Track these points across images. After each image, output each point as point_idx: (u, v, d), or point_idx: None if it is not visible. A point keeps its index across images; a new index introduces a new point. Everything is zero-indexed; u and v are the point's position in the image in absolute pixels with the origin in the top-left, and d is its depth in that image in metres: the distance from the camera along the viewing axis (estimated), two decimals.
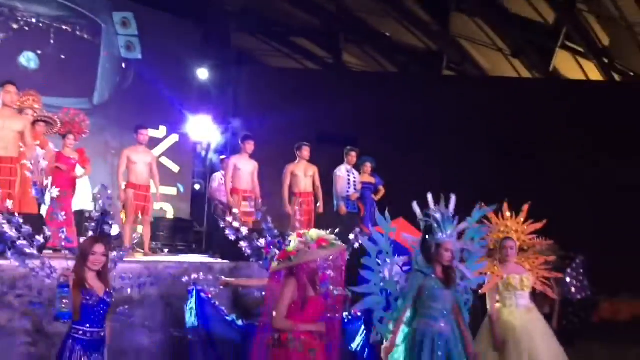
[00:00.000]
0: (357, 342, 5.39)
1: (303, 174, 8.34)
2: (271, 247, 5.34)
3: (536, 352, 4.87)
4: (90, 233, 4.40)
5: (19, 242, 4.38)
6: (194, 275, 5.25)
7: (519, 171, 11.09)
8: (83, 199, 8.83)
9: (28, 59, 10.13)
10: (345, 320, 5.21)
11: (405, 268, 4.77)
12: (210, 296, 5.12)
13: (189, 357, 5.08)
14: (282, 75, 13.21)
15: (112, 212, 4.52)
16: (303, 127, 10.74)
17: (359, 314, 5.33)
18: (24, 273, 4.66)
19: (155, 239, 8.88)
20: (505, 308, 5.11)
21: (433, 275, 4.34)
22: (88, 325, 3.88)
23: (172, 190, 11.40)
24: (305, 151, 8.40)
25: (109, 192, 4.66)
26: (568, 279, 7.68)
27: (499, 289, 5.13)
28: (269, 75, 12.98)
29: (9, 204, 4.88)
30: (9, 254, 4.39)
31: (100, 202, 4.48)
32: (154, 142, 8.62)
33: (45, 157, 6.95)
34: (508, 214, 5.42)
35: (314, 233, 3.89)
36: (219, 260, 6.99)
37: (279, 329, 3.80)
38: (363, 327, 5.40)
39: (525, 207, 5.45)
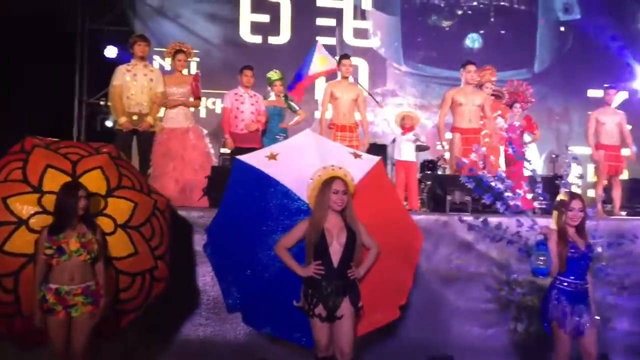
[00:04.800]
0: None
1: None
2: None
3: None
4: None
5: (505, 194, 4.94)
6: None
7: None
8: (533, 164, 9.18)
9: (472, 40, 11.07)
10: None
11: None
12: None
13: None
14: None
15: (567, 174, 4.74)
16: None
17: None
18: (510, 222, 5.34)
19: (608, 201, 8.55)
20: None
21: None
22: (572, 277, 4.07)
23: (624, 151, 10.77)
24: None
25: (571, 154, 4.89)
26: None
27: None
28: None
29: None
30: (498, 204, 4.98)
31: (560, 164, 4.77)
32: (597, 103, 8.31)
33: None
34: None
35: None
36: None
37: None
38: None
39: None
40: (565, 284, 4.09)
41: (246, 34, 10.62)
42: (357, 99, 7.03)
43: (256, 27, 10.62)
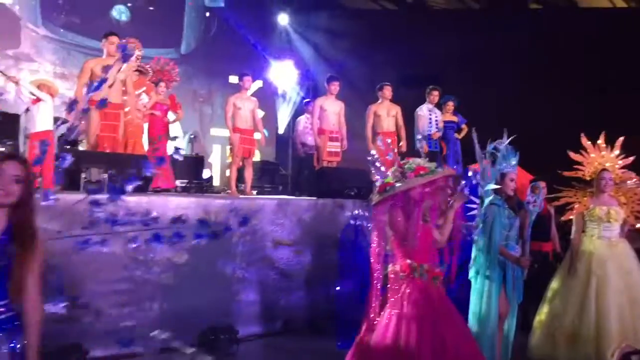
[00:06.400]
0: None
1: (386, 113, 8.41)
2: None
3: (606, 279, 4.98)
4: None
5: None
6: (355, 211, 5.87)
7: (611, 107, 10.55)
8: (177, 143, 9.35)
9: (120, 12, 10.63)
10: None
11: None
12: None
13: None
14: (362, 18, 13.06)
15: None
16: (385, 69, 10.69)
17: None
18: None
19: (241, 181, 9.20)
20: (586, 237, 5.22)
21: (506, 206, 4.46)
22: None
23: (257, 135, 11.77)
24: (387, 91, 8.44)
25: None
26: None
27: (585, 219, 5.23)
28: (349, 18, 12.87)
29: None
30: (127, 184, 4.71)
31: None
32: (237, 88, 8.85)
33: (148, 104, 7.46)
34: (604, 146, 5.46)
35: (414, 163, 3.75)
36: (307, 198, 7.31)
37: None
38: None
39: (619, 140, 5.47)
40: None
41: None
42: None
43: None
